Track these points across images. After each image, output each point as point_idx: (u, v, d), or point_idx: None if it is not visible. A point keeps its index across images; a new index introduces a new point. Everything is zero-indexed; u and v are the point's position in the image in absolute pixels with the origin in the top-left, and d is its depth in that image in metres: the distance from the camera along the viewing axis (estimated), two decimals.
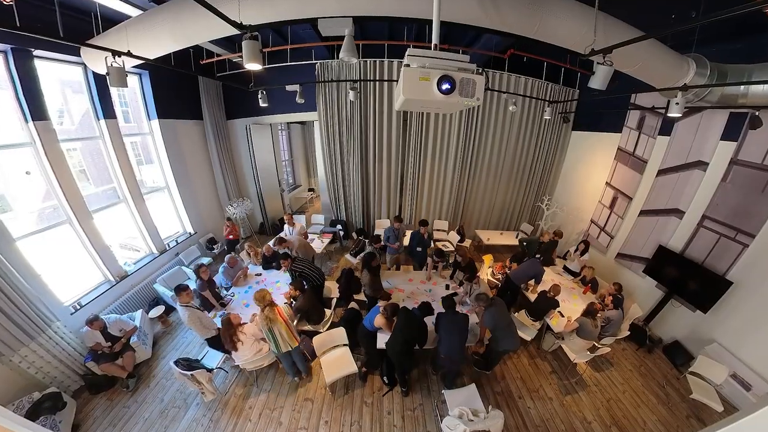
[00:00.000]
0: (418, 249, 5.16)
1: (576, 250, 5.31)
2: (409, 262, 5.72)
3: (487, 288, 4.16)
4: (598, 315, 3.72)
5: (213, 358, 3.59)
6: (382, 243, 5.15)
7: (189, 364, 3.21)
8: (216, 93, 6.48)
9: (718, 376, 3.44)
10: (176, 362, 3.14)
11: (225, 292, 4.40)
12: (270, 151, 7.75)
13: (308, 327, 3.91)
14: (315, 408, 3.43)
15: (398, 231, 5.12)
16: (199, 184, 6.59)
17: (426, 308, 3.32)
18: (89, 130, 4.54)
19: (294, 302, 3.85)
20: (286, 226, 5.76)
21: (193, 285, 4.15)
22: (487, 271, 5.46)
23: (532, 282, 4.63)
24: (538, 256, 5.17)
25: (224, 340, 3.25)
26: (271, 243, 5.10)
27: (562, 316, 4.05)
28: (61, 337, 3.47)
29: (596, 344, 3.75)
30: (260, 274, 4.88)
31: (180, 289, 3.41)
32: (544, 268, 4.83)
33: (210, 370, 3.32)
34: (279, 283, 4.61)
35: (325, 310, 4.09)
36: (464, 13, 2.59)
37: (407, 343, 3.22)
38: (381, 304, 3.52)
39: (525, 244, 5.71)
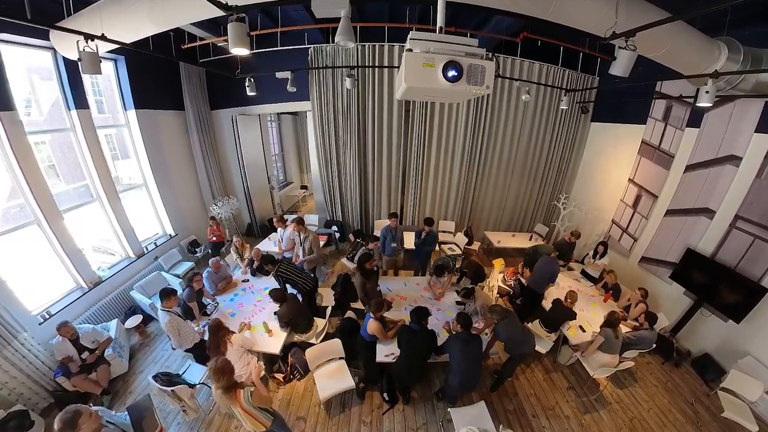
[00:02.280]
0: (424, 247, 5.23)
1: (595, 254, 5.30)
2: (409, 268, 5.73)
3: (488, 298, 4.15)
4: (624, 330, 3.69)
5: (195, 372, 3.59)
6: (379, 245, 5.14)
7: (169, 379, 3.21)
8: (199, 81, 6.48)
9: (753, 392, 3.44)
10: (155, 377, 3.14)
11: (209, 300, 4.39)
12: (258, 145, 7.75)
13: (296, 338, 3.91)
14: (308, 428, 3.42)
15: (395, 231, 5.13)
16: (180, 180, 6.59)
17: (421, 313, 3.22)
18: (59, 122, 4.53)
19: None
20: (279, 230, 5.53)
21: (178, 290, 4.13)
22: (498, 276, 5.46)
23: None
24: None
25: (210, 346, 3.26)
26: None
27: (583, 330, 4.04)
28: (28, 350, 3.47)
29: (618, 357, 3.74)
30: (247, 280, 4.89)
31: (167, 293, 3.45)
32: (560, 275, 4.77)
33: (192, 386, 3.32)
34: (268, 291, 4.61)
35: (316, 318, 4.09)
36: None
37: (419, 364, 3.23)
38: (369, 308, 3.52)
39: (533, 250, 5.46)
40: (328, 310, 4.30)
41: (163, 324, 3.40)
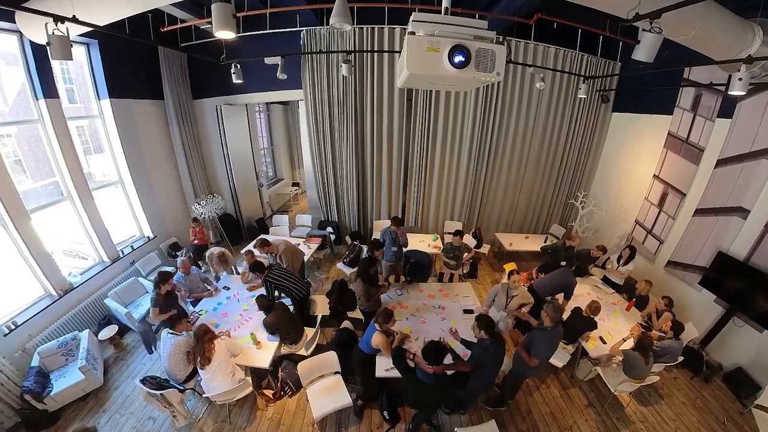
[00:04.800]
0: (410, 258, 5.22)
1: (620, 258, 5.29)
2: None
3: (527, 296, 4.16)
4: (654, 347, 3.64)
5: None
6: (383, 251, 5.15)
7: (158, 383, 3.26)
8: (180, 67, 6.49)
9: None
10: (143, 381, 3.19)
11: (192, 308, 4.40)
12: (245, 138, 7.77)
13: (284, 349, 3.92)
14: None
15: (395, 235, 5.11)
16: (159, 177, 6.60)
17: (436, 354, 2.73)
18: (26, 112, 4.54)
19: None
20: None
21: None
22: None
23: (560, 296, 4.59)
24: (564, 263, 5.13)
25: (195, 352, 3.30)
26: (251, 246, 5.03)
27: (604, 342, 4.04)
28: None
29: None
30: (229, 288, 4.89)
31: (177, 318, 3.60)
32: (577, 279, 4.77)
33: (182, 391, 3.37)
34: (254, 298, 4.62)
35: (306, 328, 4.10)
36: None
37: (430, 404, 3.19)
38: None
39: (550, 251, 5.67)
40: (319, 318, 4.32)
41: (171, 345, 3.41)
